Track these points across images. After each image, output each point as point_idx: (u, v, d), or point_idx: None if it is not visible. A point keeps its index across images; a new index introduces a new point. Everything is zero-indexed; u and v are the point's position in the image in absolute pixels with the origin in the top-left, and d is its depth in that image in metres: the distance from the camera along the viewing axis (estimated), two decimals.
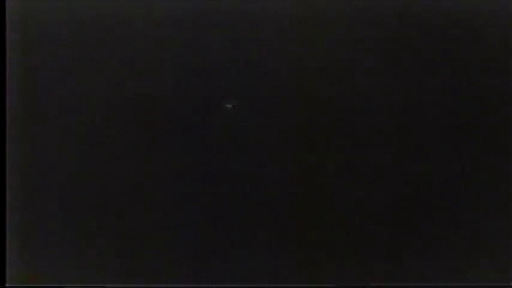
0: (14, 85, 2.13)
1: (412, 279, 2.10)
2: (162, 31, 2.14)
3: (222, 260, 2.11)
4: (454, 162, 2.11)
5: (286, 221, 2.11)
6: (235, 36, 2.13)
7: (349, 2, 2.13)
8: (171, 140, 2.12)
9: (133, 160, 2.12)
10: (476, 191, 2.11)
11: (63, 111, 2.13)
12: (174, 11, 2.14)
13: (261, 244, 2.11)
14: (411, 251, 2.10)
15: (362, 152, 2.11)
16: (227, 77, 2.13)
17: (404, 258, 2.10)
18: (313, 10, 2.13)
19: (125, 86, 2.13)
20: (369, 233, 2.10)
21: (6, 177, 2.11)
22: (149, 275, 2.11)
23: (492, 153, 2.12)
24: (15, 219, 2.11)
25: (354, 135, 2.12)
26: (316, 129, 2.12)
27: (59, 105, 2.13)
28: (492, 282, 2.10)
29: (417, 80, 2.12)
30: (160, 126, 2.12)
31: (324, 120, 2.12)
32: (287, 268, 2.11)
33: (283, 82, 2.12)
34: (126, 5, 2.13)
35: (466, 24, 2.13)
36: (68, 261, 2.12)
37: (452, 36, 2.13)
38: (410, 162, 2.11)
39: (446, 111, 2.12)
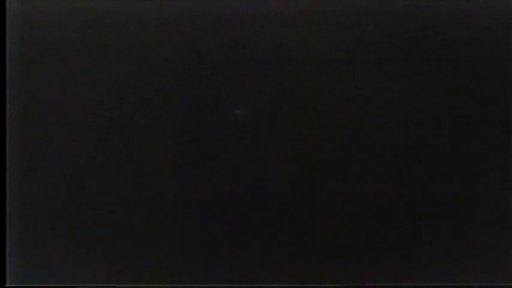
0: (14, 85, 2.13)
1: (412, 279, 2.10)
2: (163, 32, 2.14)
3: (222, 260, 2.11)
4: (454, 162, 2.11)
5: (287, 221, 2.11)
6: (236, 36, 2.13)
7: (348, 2, 2.13)
8: (172, 141, 2.12)
9: (135, 161, 2.12)
10: (476, 191, 2.11)
11: (64, 111, 2.13)
12: (176, 11, 2.14)
13: (261, 244, 2.11)
14: (411, 251, 2.10)
15: (362, 152, 2.11)
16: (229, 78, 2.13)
17: (403, 258, 2.10)
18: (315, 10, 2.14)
19: (126, 86, 2.13)
20: (369, 234, 2.10)
21: (6, 177, 2.11)
22: (150, 275, 2.11)
23: (492, 153, 2.11)
24: (15, 219, 2.11)
25: (354, 136, 2.11)
26: (316, 130, 2.12)
27: (60, 105, 2.13)
28: (492, 282, 2.10)
29: (416, 80, 2.12)
30: (163, 128, 2.12)
31: (326, 120, 2.12)
32: (287, 268, 2.11)
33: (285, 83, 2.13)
34: (128, 6, 2.13)
35: (466, 24, 2.13)
36: (68, 262, 2.12)
37: (452, 36, 2.12)
38: (410, 162, 2.11)
39: (446, 111, 2.12)
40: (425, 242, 2.11)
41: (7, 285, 2.10)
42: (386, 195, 2.11)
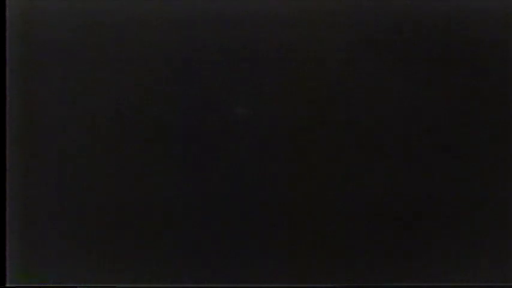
0: (14, 85, 2.13)
1: (412, 279, 2.10)
2: (164, 32, 2.14)
3: (221, 260, 2.11)
4: (454, 162, 2.11)
5: (287, 221, 2.11)
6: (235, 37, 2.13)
7: (347, 2, 2.13)
8: (172, 141, 2.12)
9: (135, 161, 2.12)
10: (476, 191, 2.11)
11: (64, 111, 2.13)
12: (176, 11, 2.14)
13: (262, 245, 2.11)
14: (410, 251, 2.10)
15: (361, 152, 2.11)
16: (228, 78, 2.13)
17: (403, 258, 2.10)
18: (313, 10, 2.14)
19: (126, 86, 2.13)
20: (368, 234, 2.10)
21: (6, 177, 2.10)
22: (150, 275, 2.11)
23: (492, 153, 2.11)
24: (15, 219, 2.11)
25: (354, 137, 2.11)
26: (316, 130, 2.12)
27: (60, 105, 2.13)
28: (492, 282, 2.10)
29: (415, 80, 2.12)
30: (163, 128, 2.12)
31: (324, 121, 2.12)
32: (287, 268, 2.11)
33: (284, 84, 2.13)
34: (128, 6, 2.13)
35: (466, 24, 2.13)
36: (68, 262, 2.11)
37: (452, 36, 2.12)
38: (410, 163, 2.11)
39: (445, 111, 2.12)
40: (425, 242, 2.11)
41: (7, 285, 2.09)
42: (386, 195, 2.11)
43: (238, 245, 2.11)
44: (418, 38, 2.12)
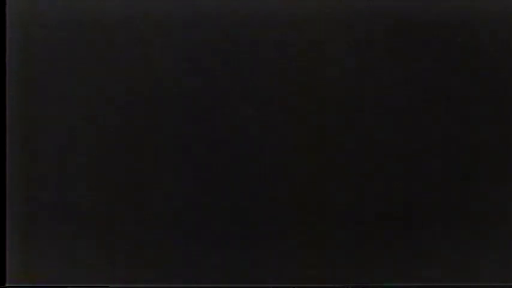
0: (14, 85, 2.13)
1: (412, 279, 2.10)
2: (165, 32, 2.14)
3: (221, 260, 2.11)
4: (453, 162, 2.11)
5: (287, 221, 2.11)
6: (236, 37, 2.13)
7: (348, 2, 2.13)
8: (174, 142, 2.12)
9: (137, 162, 2.12)
10: (476, 191, 2.11)
11: (65, 112, 2.13)
12: (177, 11, 2.14)
13: (262, 244, 2.11)
14: (410, 251, 2.11)
15: (361, 152, 2.11)
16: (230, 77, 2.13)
17: (403, 258, 2.10)
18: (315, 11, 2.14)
19: (127, 86, 2.13)
20: (368, 234, 2.10)
21: (6, 177, 2.10)
22: (150, 275, 2.11)
23: (492, 153, 2.12)
24: (15, 219, 2.11)
25: (353, 136, 2.11)
26: (315, 129, 2.12)
27: (61, 105, 2.13)
28: (492, 282, 2.10)
29: (416, 81, 2.12)
30: (165, 129, 2.12)
31: (324, 120, 2.12)
32: (287, 268, 2.11)
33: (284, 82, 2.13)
34: (129, 5, 2.13)
35: (466, 24, 2.13)
36: (68, 262, 2.11)
37: (451, 36, 2.13)
38: (409, 162, 2.11)
39: (445, 111, 2.12)
40: (425, 242, 2.11)
41: (7, 285, 2.09)
42: (386, 195, 2.11)
43: (238, 245, 2.11)
44: (417, 38, 2.12)
